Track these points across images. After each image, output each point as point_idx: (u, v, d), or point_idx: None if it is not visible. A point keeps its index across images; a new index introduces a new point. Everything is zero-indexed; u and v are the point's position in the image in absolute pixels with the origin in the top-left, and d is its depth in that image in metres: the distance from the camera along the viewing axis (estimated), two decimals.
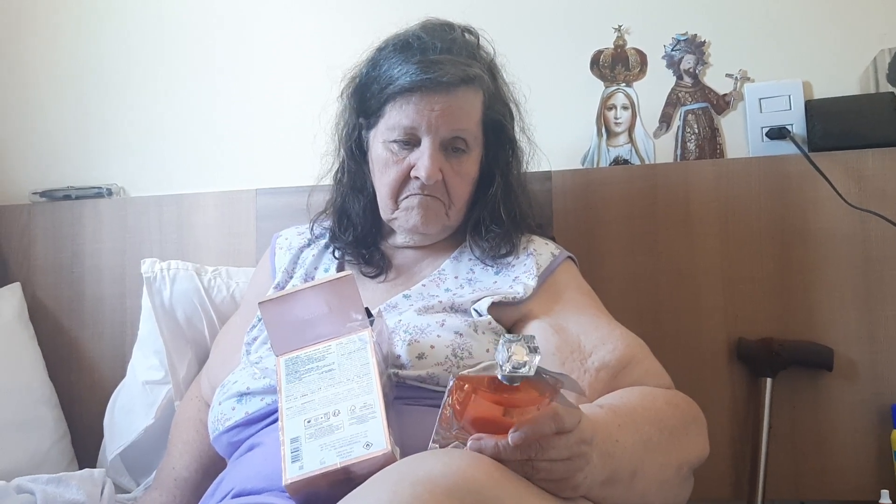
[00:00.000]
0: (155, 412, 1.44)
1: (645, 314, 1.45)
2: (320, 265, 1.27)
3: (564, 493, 0.79)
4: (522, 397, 0.77)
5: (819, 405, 1.40)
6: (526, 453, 0.75)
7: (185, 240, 1.65)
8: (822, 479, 1.39)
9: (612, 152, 1.60)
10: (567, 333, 1.08)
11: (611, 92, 1.61)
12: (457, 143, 1.17)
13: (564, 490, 0.79)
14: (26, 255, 1.70)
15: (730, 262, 1.45)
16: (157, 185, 1.74)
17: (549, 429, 0.75)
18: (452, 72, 1.12)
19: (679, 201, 1.48)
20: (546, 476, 0.77)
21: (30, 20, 1.82)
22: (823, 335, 1.40)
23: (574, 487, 0.79)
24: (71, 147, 1.80)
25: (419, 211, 1.18)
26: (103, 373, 1.63)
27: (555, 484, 0.78)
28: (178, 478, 1.27)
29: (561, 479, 0.78)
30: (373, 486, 0.69)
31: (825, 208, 1.42)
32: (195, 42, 1.76)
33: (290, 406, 0.90)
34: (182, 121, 1.76)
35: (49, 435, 1.51)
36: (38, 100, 1.81)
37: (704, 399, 1.11)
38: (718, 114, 1.57)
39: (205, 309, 1.50)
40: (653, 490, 0.94)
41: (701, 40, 1.58)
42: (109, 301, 1.66)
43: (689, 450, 1.00)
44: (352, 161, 1.27)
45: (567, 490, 0.79)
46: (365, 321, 0.96)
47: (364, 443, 0.84)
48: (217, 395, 1.12)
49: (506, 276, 1.17)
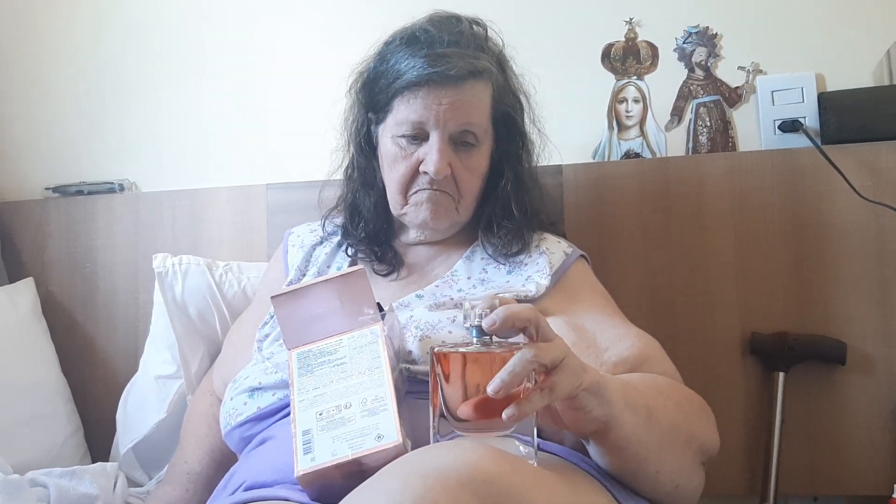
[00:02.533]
0: (167, 406, 1.44)
1: (658, 308, 1.45)
2: (333, 263, 1.27)
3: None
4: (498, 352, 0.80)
5: (833, 400, 1.40)
6: (526, 363, 0.76)
7: (197, 235, 1.65)
8: (836, 474, 1.38)
9: (623, 146, 1.59)
10: (583, 331, 1.08)
11: (622, 85, 1.60)
12: (466, 137, 1.16)
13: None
14: (40, 250, 1.71)
15: (743, 256, 1.44)
16: (169, 181, 1.75)
17: (524, 371, 0.76)
18: (460, 65, 1.11)
19: (691, 195, 1.47)
20: (557, 389, 0.78)
21: (42, 19, 1.82)
22: (837, 329, 1.40)
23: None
24: (83, 143, 1.81)
25: (428, 206, 1.17)
26: (116, 367, 1.64)
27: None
28: (191, 472, 1.27)
29: (569, 385, 0.79)
30: (384, 477, 0.69)
31: (839, 201, 1.41)
32: (206, 38, 1.77)
33: (302, 399, 0.91)
34: (193, 116, 1.77)
35: (62, 429, 1.52)
36: (52, 97, 1.82)
37: (718, 393, 1.11)
38: (730, 107, 1.56)
39: (216, 304, 1.50)
40: (669, 448, 0.92)
41: (713, 33, 1.57)
42: (122, 296, 1.66)
43: (699, 429, 0.99)
44: (361, 157, 1.26)
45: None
46: (377, 315, 0.97)
47: (375, 435, 0.84)
48: (229, 391, 1.12)
49: (518, 276, 1.17)
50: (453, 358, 0.81)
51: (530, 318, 0.79)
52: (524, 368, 0.76)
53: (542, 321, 0.80)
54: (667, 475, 0.92)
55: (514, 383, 0.76)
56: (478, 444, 0.74)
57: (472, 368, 0.80)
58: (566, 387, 0.78)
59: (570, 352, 0.80)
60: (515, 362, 0.76)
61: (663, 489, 0.93)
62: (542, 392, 0.77)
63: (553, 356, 0.78)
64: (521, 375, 0.76)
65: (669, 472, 0.93)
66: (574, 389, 0.79)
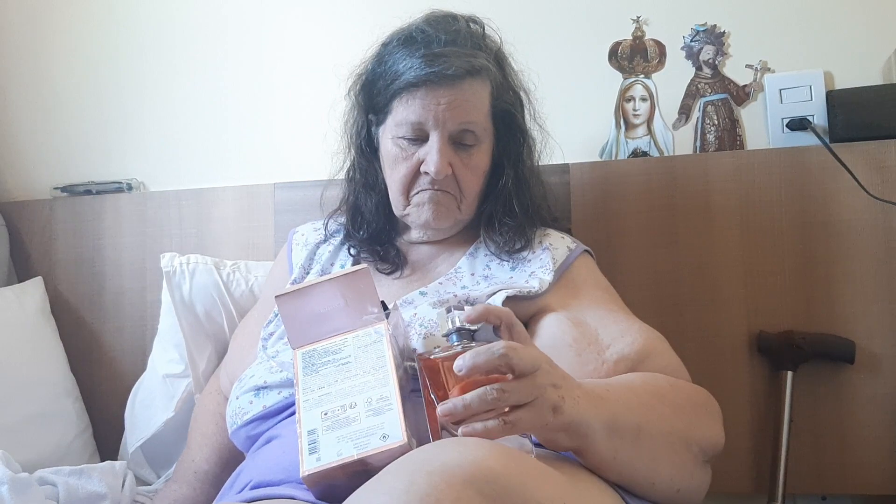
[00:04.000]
0: (175, 405, 1.45)
1: (665, 307, 1.44)
2: (336, 262, 1.27)
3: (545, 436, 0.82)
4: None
5: (841, 399, 1.39)
6: (484, 403, 0.76)
7: (204, 234, 1.66)
8: (844, 473, 1.37)
9: (630, 144, 1.59)
10: (585, 326, 1.07)
11: (629, 83, 1.60)
12: (465, 137, 1.16)
13: (545, 433, 0.82)
14: (48, 249, 1.72)
15: (750, 255, 1.44)
16: (176, 180, 1.75)
17: (493, 358, 0.77)
18: (457, 64, 1.11)
19: (699, 193, 1.47)
20: (518, 425, 0.77)
21: (50, 19, 1.83)
22: (845, 328, 1.39)
23: (545, 426, 0.80)
24: (91, 143, 1.81)
25: (430, 206, 1.17)
26: (124, 366, 1.65)
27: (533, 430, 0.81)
28: (198, 470, 1.28)
29: (532, 425, 0.79)
30: (389, 475, 0.69)
31: (847, 200, 1.40)
32: (212, 38, 1.77)
33: (307, 399, 0.91)
34: (200, 116, 1.77)
35: (71, 427, 1.52)
36: (59, 97, 1.83)
37: (725, 392, 1.10)
38: (738, 105, 1.55)
39: (224, 303, 1.51)
40: (663, 458, 0.92)
41: (720, 31, 1.56)
42: (130, 295, 1.67)
43: (700, 430, 0.98)
44: (362, 158, 1.26)
45: (547, 432, 0.81)
46: (381, 314, 0.97)
47: (381, 434, 0.84)
48: (235, 390, 1.13)
49: (521, 272, 1.17)
50: (434, 362, 0.84)
51: (501, 315, 0.83)
52: (491, 357, 0.77)
53: (516, 358, 0.78)
54: (665, 483, 0.92)
55: (479, 368, 0.77)
56: (482, 442, 0.74)
57: (450, 369, 0.81)
58: (528, 426, 0.78)
59: (549, 386, 0.79)
60: (474, 400, 0.77)
61: (663, 495, 0.93)
62: (504, 424, 0.77)
63: (524, 363, 0.78)
64: (488, 363, 0.77)
65: (668, 480, 0.92)
66: (536, 429, 0.80)
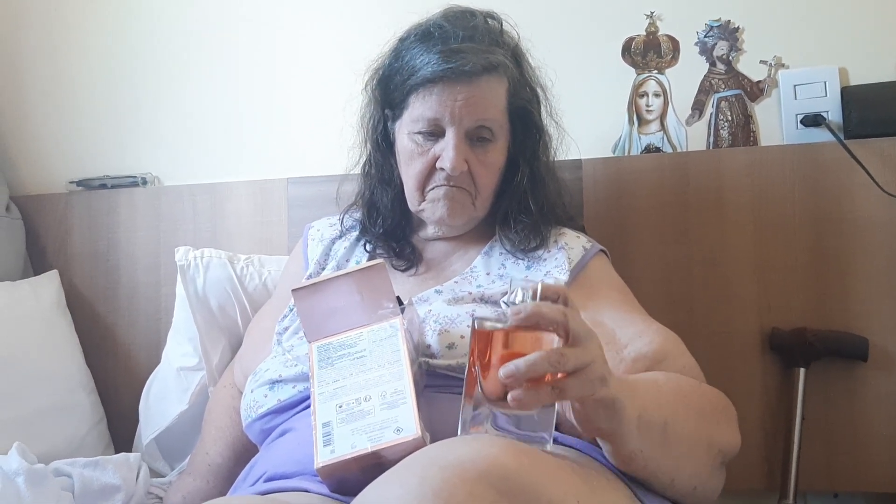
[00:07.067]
0: (189, 398, 1.46)
1: (677, 304, 1.44)
2: (352, 257, 1.27)
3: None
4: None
5: (853, 396, 1.38)
6: (546, 364, 0.74)
7: (218, 228, 1.66)
8: (856, 471, 1.37)
9: (643, 140, 1.59)
10: (602, 327, 1.07)
11: (642, 79, 1.60)
12: (482, 133, 1.16)
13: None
14: (63, 243, 1.74)
15: (763, 251, 1.43)
16: (190, 175, 1.76)
17: (556, 312, 0.76)
18: (475, 60, 1.11)
19: (712, 190, 1.46)
20: (568, 392, 0.76)
21: (66, 14, 1.84)
22: (858, 325, 1.38)
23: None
24: (106, 137, 1.82)
25: (445, 202, 1.17)
26: (138, 359, 1.66)
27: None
28: (212, 463, 1.29)
29: (580, 393, 0.77)
30: (402, 470, 0.69)
31: (861, 196, 1.40)
32: (227, 33, 1.77)
33: (322, 391, 0.91)
34: (214, 111, 1.77)
35: (86, 420, 1.54)
36: (75, 92, 1.84)
37: (737, 389, 1.10)
38: (752, 101, 1.55)
39: (237, 297, 1.51)
40: (686, 457, 0.92)
41: (734, 26, 1.56)
42: (144, 289, 1.68)
43: (719, 434, 0.98)
44: (378, 153, 1.26)
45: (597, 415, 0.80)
46: (396, 309, 0.97)
47: (395, 428, 0.85)
48: (249, 383, 1.13)
49: (537, 271, 1.17)
50: (487, 334, 0.80)
51: (557, 320, 0.77)
52: (543, 369, 0.74)
53: (573, 323, 0.77)
54: (684, 481, 0.92)
55: (542, 316, 0.76)
56: (496, 438, 0.75)
57: (502, 344, 0.80)
58: (575, 392, 0.77)
59: (599, 358, 0.79)
60: (538, 360, 0.74)
61: (680, 492, 0.93)
62: (553, 389, 0.76)
63: (581, 329, 0.77)
64: (537, 373, 0.75)
65: (687, 478, 0.93)
66: (583, 398, 0.79)
